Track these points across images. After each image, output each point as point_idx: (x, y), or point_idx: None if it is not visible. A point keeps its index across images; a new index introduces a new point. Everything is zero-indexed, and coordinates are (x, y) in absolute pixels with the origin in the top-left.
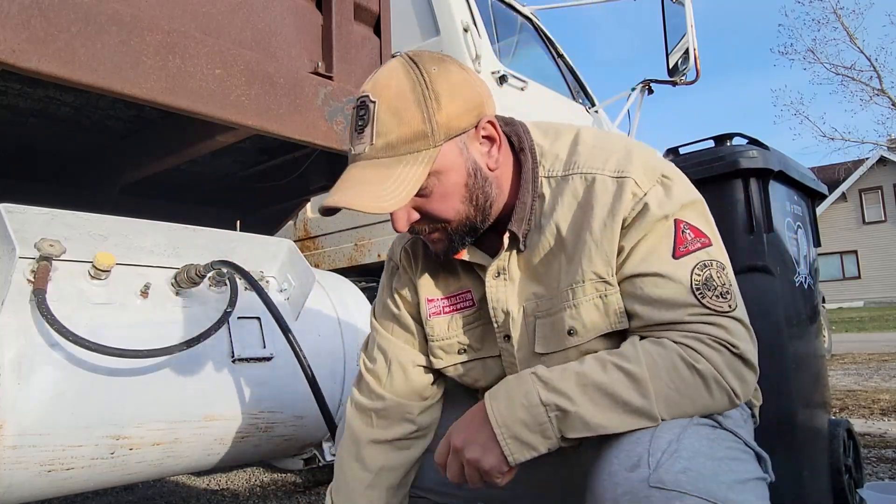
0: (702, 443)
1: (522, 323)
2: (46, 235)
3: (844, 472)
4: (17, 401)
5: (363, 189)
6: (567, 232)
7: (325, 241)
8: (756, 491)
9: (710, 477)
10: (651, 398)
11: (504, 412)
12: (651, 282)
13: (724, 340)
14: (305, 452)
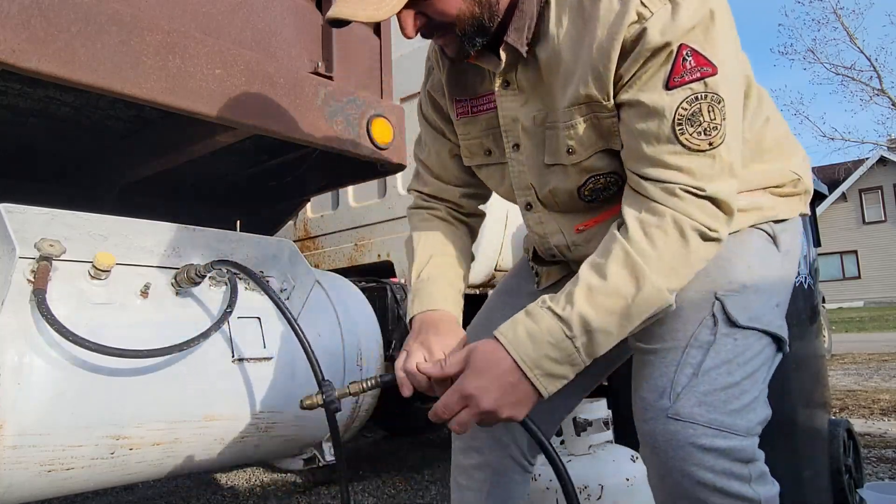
0: (719, 371)
1: (532, 133)
2: (46, 235)
3: (844, 472)
4: (17, 401)
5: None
6: (568, 49)
7: (325, 241)
8: (756, 414)
9: (720, 406)
10: (649, 282)
11: (532, 354)
12: (636, 112)
13: (690, 186)
14: (305, 452)
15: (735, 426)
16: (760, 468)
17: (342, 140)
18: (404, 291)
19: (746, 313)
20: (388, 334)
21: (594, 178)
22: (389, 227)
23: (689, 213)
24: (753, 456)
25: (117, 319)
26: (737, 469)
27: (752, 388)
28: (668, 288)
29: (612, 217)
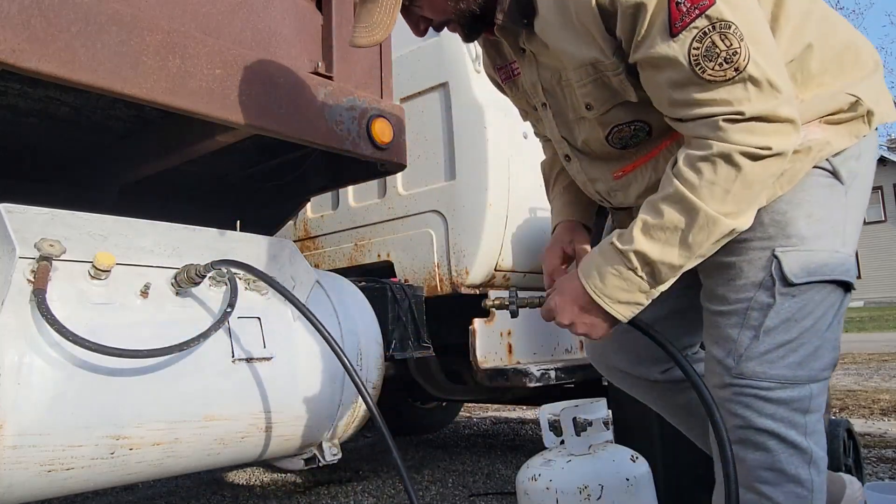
0: (778, 331)
1: (552, 92)
2: (46, 235)
3: (844, 472)
4: (17, 401)
5: (360, 27)
6: (556, 20)
7: (325, 241)
8: (820, 360)
9: (779, 362)
10: (702, 212)
11: (601, 286)
12: (653, 67)
13: (728, 114)
14: (305, 452)
15: (796, 377)
16: (816, 423)
17: (342, 140)
18: (404, 291)
19: (805, 269)
20: (388, 334)
21: (617, 128)
22: (389, 227)
23: (734, 139)
24: (810, 407)
25: (117, 319)
26: (796, 418)
27: (812, 338)
28: (724, 213)
29: (647, 162)
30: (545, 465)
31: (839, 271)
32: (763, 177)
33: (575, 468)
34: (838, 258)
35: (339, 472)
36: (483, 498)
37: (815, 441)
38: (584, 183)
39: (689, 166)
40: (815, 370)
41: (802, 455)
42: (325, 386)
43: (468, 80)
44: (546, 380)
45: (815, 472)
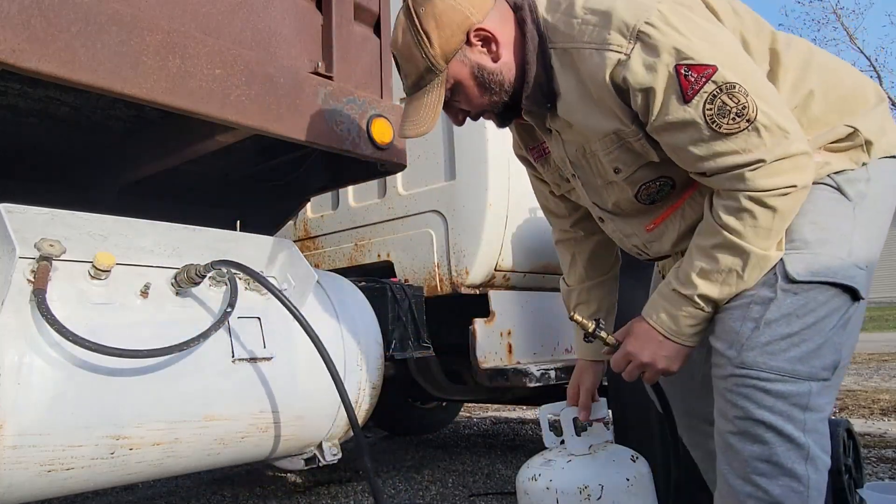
0: (779, 324)
1: (579, 165)
2: (46, 235)
3: (844, 472)
4: (17, 401)
5: (408, 122)
6: (577, 100)
7: (325, 241)
8: (821, 359)
9: (780, 355)
10: (753, 253)
11: (675, 328)
12: (673, 131)
13: (750, 164)
14: (305, 452)
15: (796, 371)
16: (816, 423)
17: (342, 140)
18: (404, 291)
19: (808, 269)
20: (388, 334)
21: (644, 185)
22: (389, 227)
23: (760, 186)
24: (809, 404)
25: (117, 319)
26: (794, 413)
27: (815, 335)
28: (769, 247)
29: (674, 212)
30: (545, 465)
31: (843, 275)
32: (795, 207)
33: (575, 468)
34: (843, 264)
35: (339, 472)
36: (483, 498)
37: (815, 440)
38: (620, 240)
39: (730, 216)
40: (816, 368)
41: (799, 450)
42: (325, 386)
43: None
44: (546, 380)
45: (813, 469)
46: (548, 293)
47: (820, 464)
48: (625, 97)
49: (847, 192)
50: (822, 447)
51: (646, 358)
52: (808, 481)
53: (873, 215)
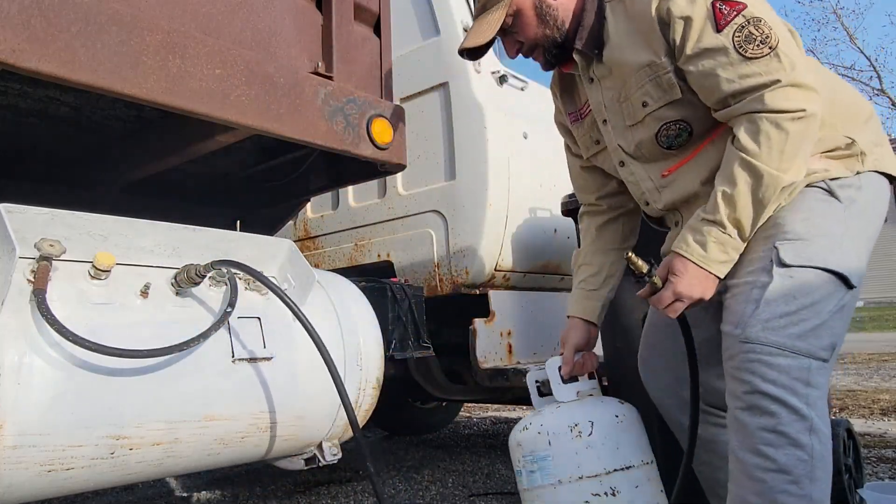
0: (777, 302)
1: (612, 108)
2: (46, 235)
3: (844, 472)
4: (17, 401)
5: (469, 37)
6: (622, 36)
7: (325, 241)
8: (819, 339)
9: (780, 330)
10: (766, 173)
11: (705, 254)
12: (704, 57)
13: (770, 84)
14: (305, 452)
15: (795, 347)
16: (818, 399)
17: (342, 140)
18: (404, 291)
19: (799, 255)
20: (388, 334)
21: (665, 125)
22: (389, 227)
23: (777, 107)
24: (810, 380)
25: (117, 319)
26: (797, 387)
27: (812, 316)
28: (782, 169)
29: (688, 162)
30: (535, 415)
31: (833, 262)
32: (806, 134)
33: (564, 410)
34: (836, 254)
35: (339, 472)
36: (483, 498)
37: (818, 413)
38: (634, 184)
39: (748, 138)
40: (814, 347)
41: (803, 421)
42: (325, 386)
43: (468, 80)
44: None
45: (817, 440)
46: (548, 293)
47: (823, 437)
48: (665, 29)
49: (838, 195)
50: (825, 421)
51: (681, 288)
52: (812, 451)
53: (863, 223)
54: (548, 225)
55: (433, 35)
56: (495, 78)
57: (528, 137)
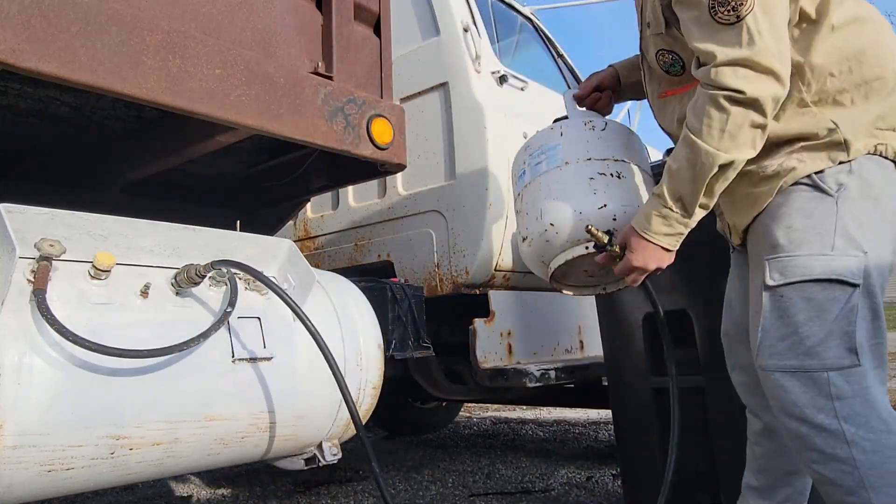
0: (775, 326)
1: (641, 17)
2: (46, 235)
3: None
4: (17, 401)
5: None
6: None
7: (325, 241)
8: (829, 350)
9: (786, 354)
10: (702, 150)
11: (647, 226)
12: (685, 7)
13: (724, 58)
14: (305, 452)
15: (807, 366)
16: (853, 406)
17: (342, 140)
18: (404, 291)
19: (782, 273)
20: (388, 334)
21: (661, 52)
22: (389, 227)
23: (719, 83)
24: (836, 392)
25: (117, 319)
26: (819, 402)
27: (814, 330)
28: (721, 149)
29: (679, 94)
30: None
31: (820, 271)
32: (745, 120)
33: (579, 113)
34: (822, 261)
35: (339, 472)
36: (483, 498)
37: (853, 422)
38: (647, 92)
39: (692, 114)
40: (828, 358)
41: (834, 436)
42: (325, 386)
43: (468, 80)
44: (546, 380)
45: (859, 450)
46: (548, 293)
47: (867, 445)
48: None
49: (826, 187)
50: (868, 428)
51: (638, 262)
52: (854, 462)
53: (862, 204)
54: None
55: (433, 35)
56: (495, 78)
57: (528, 137)
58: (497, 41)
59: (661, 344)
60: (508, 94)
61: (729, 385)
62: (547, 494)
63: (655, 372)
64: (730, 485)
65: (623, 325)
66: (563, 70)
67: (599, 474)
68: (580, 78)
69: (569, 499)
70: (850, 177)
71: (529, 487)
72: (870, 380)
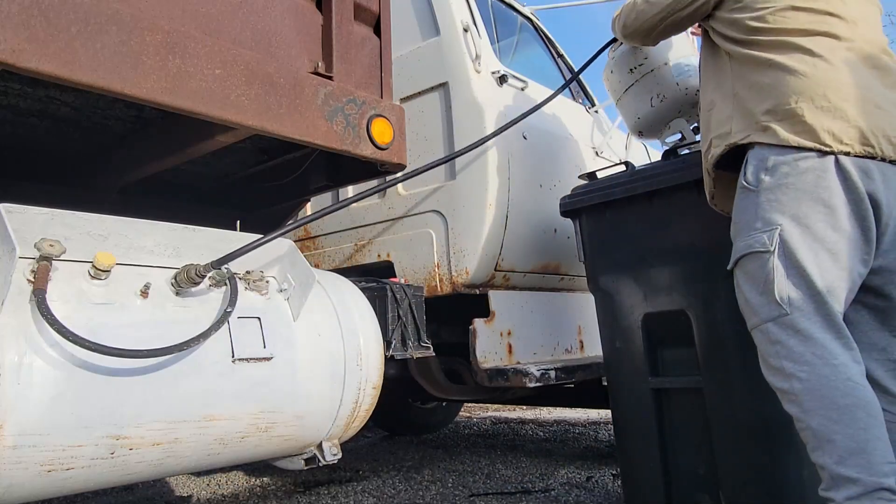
0: (739, 300)
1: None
2: (46, 235)
3: None
4: (17, 401)
5: None
6: None
7: (325, 241)
8: (762, 307)
9: (749, 316)
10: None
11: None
12: None
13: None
14: (305, 452)
15: (755, 322)
16: (790, 347)
17: (342, 140)
18: (404, 291)
19: (731, 261)
20: (388, 334)
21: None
22: (389, 227)
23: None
24: (775, 338)
25: (117, 319)
26: (768, 348)
27: (753, 296)
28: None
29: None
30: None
31: (743, 250)
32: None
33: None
34: (744, 242)
35: (339, 472)
36: (483, 498)
37: (790, 359)
38: None
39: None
40: (763, 313)
41: (780, 372)
42: (325, 386)
43: (468, 80)
44: (546, 380)
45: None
46: (548, 293)
47: (802, 375)
48: None
49: (747, 183)
50: (801, 362)
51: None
52: (795, 392)
53: (783, 193)
54: (548, 225)
55: (433, 35)
56: (495, 78)
57: (527, 137)
58: (497, 41)
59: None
60: (508, 94)
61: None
62: (547, 494)
63: (654, 372)
64: (730, 485)
65: (622, 326)
66: (563, 70)
67: (599, 474)
68: (580, 78)
69: (569, 499)
70: (768, 173)
71: (529, 487)
72: (806, 323)
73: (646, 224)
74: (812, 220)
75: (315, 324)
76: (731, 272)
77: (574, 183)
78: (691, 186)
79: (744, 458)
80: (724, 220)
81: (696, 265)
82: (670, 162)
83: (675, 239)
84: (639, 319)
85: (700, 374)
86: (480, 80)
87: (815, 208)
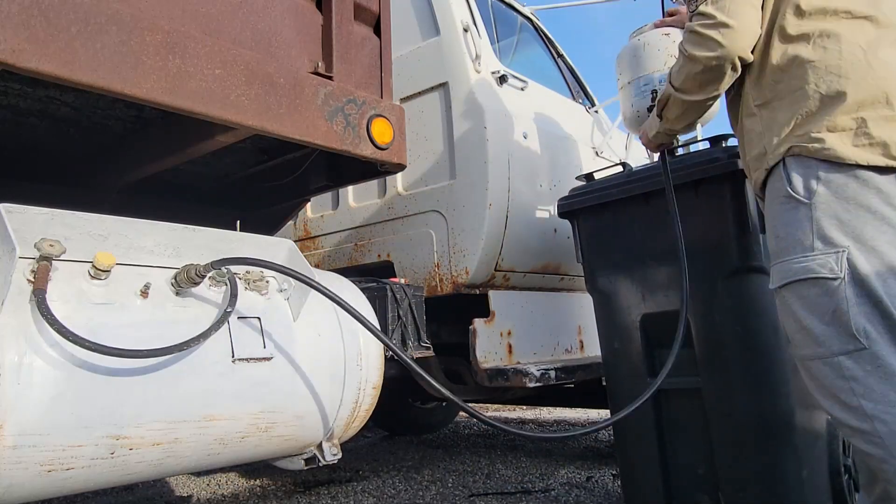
0: (788, 324)
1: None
2: (46, 235)
3: (844, 473)
4: (17, 401)
5: None
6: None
7: (325, 241)
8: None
9: (803, 346)
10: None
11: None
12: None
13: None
14: (305, 452)
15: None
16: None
17: (342, 140)
18: (404, 291)
19: (775, 277)
20: (388, 334)
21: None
22: (389, 227)
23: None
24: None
25: (117, 319)
26: (839, 384)
27: (815, 323)
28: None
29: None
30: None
31: (802, 272)
32: (691, 69)
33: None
34: (800, 264)
35: (339, 472)
36: (483, 498)
37: (870, 398)
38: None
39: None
40: (834, 345)
41: (856, 412)
42: (325, 386)
43: (468, 80)
44: (546, 380)
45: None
46: (548, 293)
47: (887, 417)
48: None
49: (797, 196)
50: (884, 403)
51: (643, 141)
52: (878, 433)
53: (841, 204)
54: (548, 225)
55: (433, 35)
56: (495, 78)
57: (528, 137)
58: (497, 41)
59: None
60: (508, 94)
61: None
62: (547, 494)
63: (653, 373)
64: (729, 485)
65: (621, 327)
66: (563, 70)
67: (599, 474)
68: (580, 78)
69: (569, 499)
70: (818, 183)
71: (529, 487)
72: (885, 359)
73: (643, 225)
74: (879, 243)
75: (315, 324)
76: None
77: (574, 183)
78: (689, 187)
79: (743, 458)
80: (721, 220)
81: (695, 265)
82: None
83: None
84: (637, 320)
85: (699, 374)
86: (480, 81)
87: (881, 229)
